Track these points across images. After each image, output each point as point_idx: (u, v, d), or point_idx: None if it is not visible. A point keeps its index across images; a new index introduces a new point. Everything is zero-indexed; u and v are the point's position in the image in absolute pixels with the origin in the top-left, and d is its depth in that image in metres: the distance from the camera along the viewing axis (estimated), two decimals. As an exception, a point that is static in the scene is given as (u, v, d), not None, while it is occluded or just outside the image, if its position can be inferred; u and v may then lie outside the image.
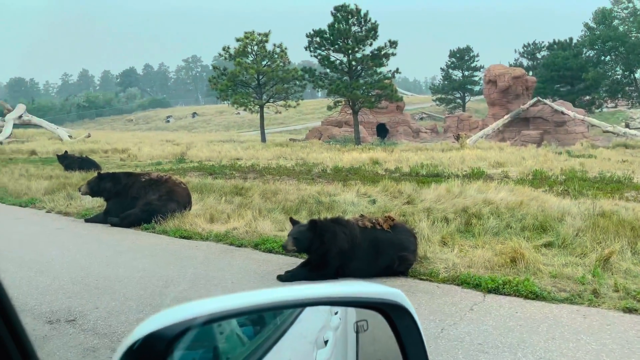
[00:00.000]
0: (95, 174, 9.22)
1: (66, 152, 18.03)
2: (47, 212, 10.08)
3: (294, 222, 5.67)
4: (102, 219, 8.74)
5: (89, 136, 36.75)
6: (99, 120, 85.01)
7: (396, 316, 1.01)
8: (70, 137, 35.04)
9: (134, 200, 8.61)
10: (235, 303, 0.89)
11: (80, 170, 15.46)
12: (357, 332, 1.22)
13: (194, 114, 78.93)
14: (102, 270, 5.89)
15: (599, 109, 48.38)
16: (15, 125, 36.09)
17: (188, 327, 0.80)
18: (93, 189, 8.88)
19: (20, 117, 36.37)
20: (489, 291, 4.83)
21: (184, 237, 7.45)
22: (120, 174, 9.32)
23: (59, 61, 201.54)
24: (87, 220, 8.93)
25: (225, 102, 37.69)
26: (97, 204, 9.56)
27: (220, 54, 36.42)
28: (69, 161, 16.67)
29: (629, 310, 4.29)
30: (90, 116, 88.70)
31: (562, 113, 35.38)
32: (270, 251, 6.53)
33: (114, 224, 8.42)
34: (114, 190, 8.76)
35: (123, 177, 9.05)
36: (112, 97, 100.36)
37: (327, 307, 1.22)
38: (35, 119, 38.27)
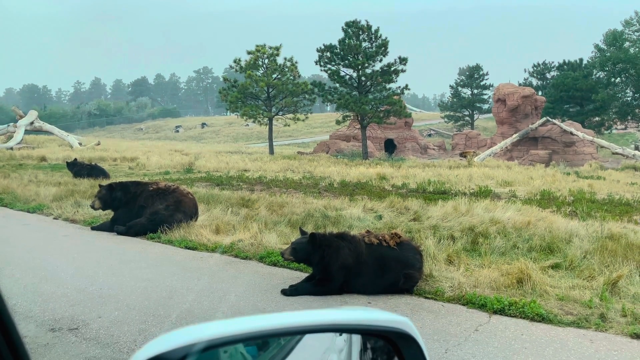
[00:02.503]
0: (99, 187, 9.11)
1: (75, 159, 18.19)
2: (54, 218, 10.13)
3: (303, 232, 5.69)
4: (108, 227, 8.76)
5: (98, 144, 37.05)
6: (109, 129, 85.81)
7: (403, 345, 1.00)
8: (80, 144, 35.35)
9: (141, 209, 8.64)
10: (237, 328, 0.88)
11: (89, 178, 15.57)
12: (360, 357, 1.21)
13: (203, 125, 79.46)
14: (107, 279, 5.89)
15: (609, 131, 48.20)
16: (26, 132, 36.49)
17: (187, 353, 0.80)
18: (106, 202, 8.85)
19: (31, 123, 36.76)
20: (495, 312, 4.78)
21: (190, 248, 7.45)
22: (129, 182, 9.35)
23: (71, 69, 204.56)
24: (93, 228, 8.96)
25: (235, 113, 37.93)
26: (104, 212, 9.58)
27: (231, 66, 36.73)
28: (78, 168, 16.80)
29: (637, 336, 4.22)
30: (100, 124, 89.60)
31: (571, 133, 35.27)
32: (275, 264, 6.51)
33: (120, 233, 8.44)
34: (124, 200, 8.80)
35: (132, 186, 9.08)
36: (123, 105, 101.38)
37: None
38: (47, 126, 38.67)
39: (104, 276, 6.02)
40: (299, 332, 1.04)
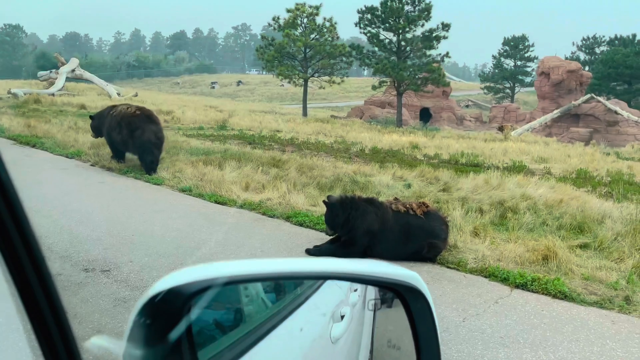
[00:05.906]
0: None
1: (113, 109, 18.55)
2: (91, 165, 10.45)
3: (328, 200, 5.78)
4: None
5: (136, 95, 37.58)
6: (147, 81, 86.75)
7: (411, 298, 1.02)
8: (118, 94, 35.92)
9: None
10: (257, 268, 0.92)
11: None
12: (373, 310, 1.25)
13: (239, 82, 79.53)
14: (139, 226, 6.11)
15: (657, 112, 46.10)
16: (67, 79, 37.18)
17: (207, 286, 0.84)
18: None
19: (73, 71, 37.42)
20: (517, 286, 4.77)
21: (219, 203, 7.62)
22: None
23: (113, 19, 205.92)
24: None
25: (271, 73, 37.80)
26: (136, 161, 9.81)
27: (269, 24, 36.39)
28: (116, 118, 17.14)
29: (661, 321, 4.17)
30: (138, 76, 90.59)
31: (616, 112, 33.96)
32: (301, 224, 6.61)
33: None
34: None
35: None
36: (161, 58, 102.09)
37: (347, 284, 1.25)
38: (87, 74, 39.28)
39: (136, 223, 6.25)
40: (315, 278, 1.09)
